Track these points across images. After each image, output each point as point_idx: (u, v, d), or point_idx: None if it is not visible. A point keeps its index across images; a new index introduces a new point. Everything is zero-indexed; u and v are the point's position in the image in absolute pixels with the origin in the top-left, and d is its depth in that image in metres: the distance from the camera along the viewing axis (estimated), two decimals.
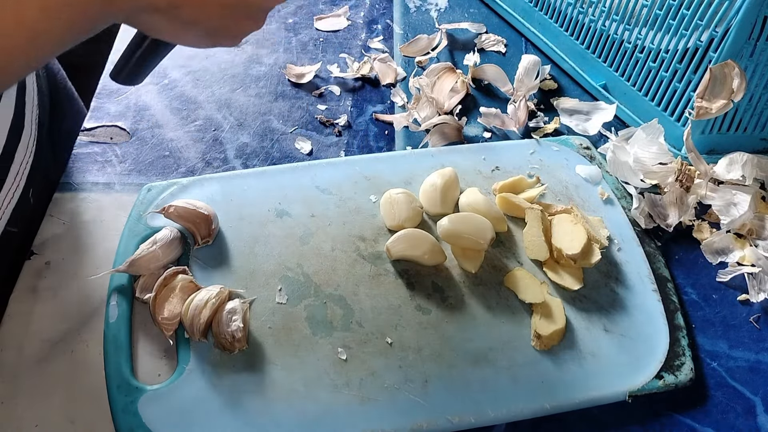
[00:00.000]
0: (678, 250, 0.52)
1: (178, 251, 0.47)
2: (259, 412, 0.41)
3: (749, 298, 0.49)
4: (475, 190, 0.52)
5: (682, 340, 0.46)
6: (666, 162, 0.54)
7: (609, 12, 0.59)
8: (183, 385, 0.41)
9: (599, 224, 0.51)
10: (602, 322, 0.46)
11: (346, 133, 0.60)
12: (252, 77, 0.64)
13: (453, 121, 0.59)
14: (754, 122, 0.56)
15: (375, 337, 0.44)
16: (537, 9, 0.67)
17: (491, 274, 0.48)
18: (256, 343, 0.44)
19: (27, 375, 0.42)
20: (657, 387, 0.43)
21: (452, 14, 0.73)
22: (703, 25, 0.52)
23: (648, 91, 0.58)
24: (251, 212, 0.51)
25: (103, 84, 0.62)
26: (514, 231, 0.51)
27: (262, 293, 0.46)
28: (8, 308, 0.46)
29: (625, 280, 0.48)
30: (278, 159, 0.57)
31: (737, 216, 0.51)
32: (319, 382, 0.42)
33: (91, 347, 0.44)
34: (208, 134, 0.59)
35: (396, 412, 0.41)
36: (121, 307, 0.44)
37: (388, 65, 0.65)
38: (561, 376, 0.43)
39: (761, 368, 0.46)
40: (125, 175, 0.55)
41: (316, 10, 0.73)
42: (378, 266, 0.48)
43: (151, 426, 0.39)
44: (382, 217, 0.51)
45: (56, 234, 0.50)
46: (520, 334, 0.45)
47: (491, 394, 0.42)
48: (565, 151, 0.57)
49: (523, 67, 0.61)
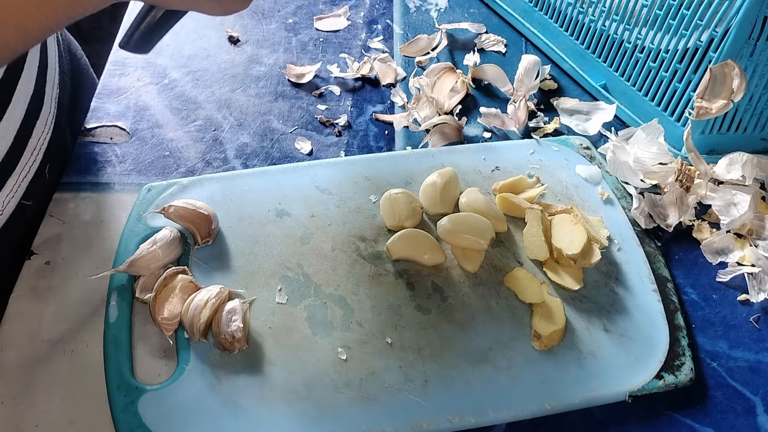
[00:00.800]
0: (678, 250, 0.52)
1: (178, 251, 0.47)
2: (259, 412, 0.41)
3: (749, 298, 0.49)
4: (475, 190, 0.52)
5: (682, 340, 0.46)
6: (666, 162, 0.54)
7: (609, 12, 0.59)
8: (183, 385, 0.41)
9: (599, 224, 0.51)
10: (602, 322, 0.46)
11: (346, 133, 0.60)
12: (252, 77, 0.64)
13: (453, 121, 0.59)
14: (754, 122, 0.56)
15: (375, 337, 0.44)
16: (537, 9, 0.67)
17: (491, 274, 0.48)
18: (256, 343, 0.44)
19: (27, 375, 0.42)
20: (657, 387, 0.43)
21: (452, 14, 0.73)
22: (703, 25, 0.52)
23: (648, 91, 0.58)
24: (251, 212, 0.51)
25: (103, 84, 0.62)
26: (514, 231, 0.51)
27: (262, 293, 0.46)
28: (8, 308, 0.46)
29: (625, 280, 0.48)
30: (278, 159, 0.57)
31: (737, 216, 0.51)
32: (319, 382, 0.42)
33: (91, 347, 0.44)
34: (208, 134, 0.59)
35: (396, 412, 0.41)
36: (121, 307, 0.44)
37: (388, 65, 0.65)
38: (561, 376, 0.43)
39: (761, 368, 0.46)
40: (125, 175, 0.55)
41: (316, 10, 0.73)
42: (378, 266, 0.48)
43: (151, 426, 0.39)
44: (382, 217, 0.51)
45: (56, 234, 0.50)
46: (520, 334, 0.45)
47: (491, 394, 0.42)
48: (565, 151, 0.57)
49: (523, 67, 0.61)
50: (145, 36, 0.39)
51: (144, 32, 0.38)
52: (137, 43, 0.39)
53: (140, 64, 0.65)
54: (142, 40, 0.39)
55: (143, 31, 0.38)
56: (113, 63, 0.65)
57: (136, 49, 0.40)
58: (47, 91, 0.52)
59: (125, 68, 0.64)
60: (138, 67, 0.64)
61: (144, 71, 0.64)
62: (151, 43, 0.40)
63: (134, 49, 0.39)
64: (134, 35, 0.38)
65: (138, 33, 0.38)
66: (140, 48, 0.40)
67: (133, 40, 0.39)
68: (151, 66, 0.65)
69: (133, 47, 0.39)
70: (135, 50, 0.40)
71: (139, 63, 0.65)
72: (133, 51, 0.40)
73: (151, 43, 0.40)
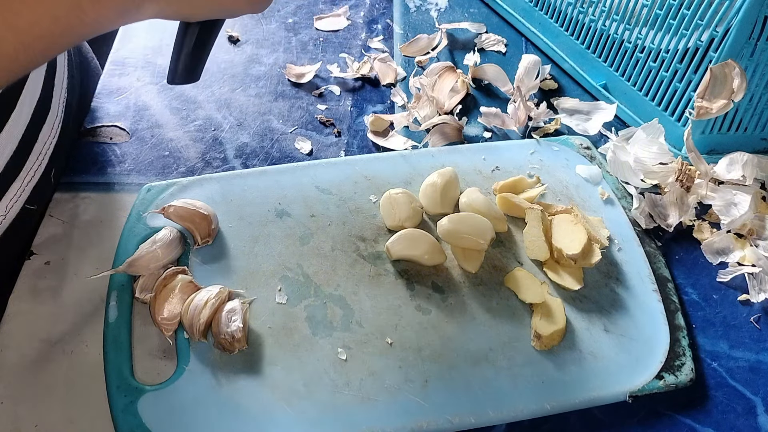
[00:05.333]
0: (678, 250, 0.52)
1: (177, 251, 0.47)
2: (259, 412, 0.40)
3: (750, 298, 0.49)
4: (475, 190, 0.52)
5: (683, 341, 0.46)
6: (666, 162, 0.54)
7: (609, 12, 0.59)
8: (183, 385, 0.41)
9: (599, 224, 0.51)
10: (602, 322, 0.46)
11: (346, 133, 0.60)
12: (252, 77, 0.64)
13: (453, 121, 0.59)
14: (754, 122, 0.56)
15: (375, 337, 0.44)
16: (537, 9, 0.67)
17: (491, 274, 0.48)
18: (256, 343, 0.44)
19: (27, 375, 0.42)
20: (657, 387, 0.43)
21: (452, 14, 0.73)
22: (703, 24, 0.52)
23: (648, 91, 0.58)
24: (251, 212, 0.51)
25: (102, 84, 0.62)
26: (514, 231, 0.51)
27: (262, 293, 0.46)
28: (8, 308, 0.46)
29: (626, 280, 0.48)
30: (278, 159, 0.57)
31: (737, 216, 0.51)
32: (319, 382, 0.42)
33: (91, 347, 0.44)
34: (207, 134, 0.59)
35: (396, 412, 0.41)
36: (121, 307, 0.44)
37: (388, 65, 0.65)
38: (561, 376, 0.43)
39: (762, 368, 0.46)
40: (125, 175, 0.55)
41: (316, 10, 0.73)
42: (378, 266, 0.48)
43: (151, 426, 0.39)
44: (382, 217, 0.51)
45: (56, 234, 0.50)
46: (520, 334, 0.45)
47: (491, 394, 0.42)
48: (566, 151, 0.57)
49: (524, 66, 0.61)
50: (188, 63, 0.37)
51: (187, 59, 0.36)
52: (184, 73, 0.37)
53: (140, 64, 0.65)
54: (186, 69, 0.37)
55: (186, 58, 0.36)
56: (113, 63, 0.65)
57: (185, 80, 0.37)
58: (55, 94, 0.52)
59: (125, 68, 0.64)
60: (138, 67, 0.64)
61: (144, 71, 0.64)
62: (198, 69, 0.37)
63: (183, 79, 0.37)
64: (178, 67, 0.36)
65: (181, 63, 0.36)
66: (188, 77, 0.37)
67: (179, 71, 0.37)
68: (151, 66, 0.65)
69: (180, 79, 0.37)
70: (184, 81, 0.37)
71: (139, 63, 0.65)
72: (183, 82, 0.37)
73: (197, 69, 0.37)
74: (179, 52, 0.36)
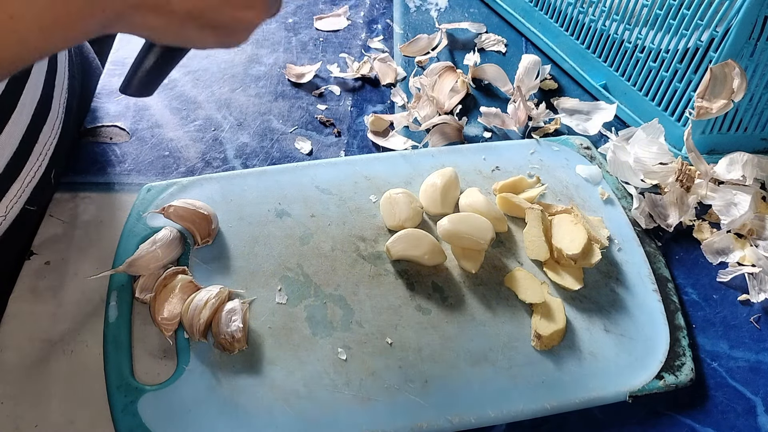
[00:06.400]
0: (678, 250, 0.52)
1: (177, 251, 0.47)
2: (259, 412, 0.41)
3: (749, 298, 0.49)
4: (475, 190, 0.52)
5: (683, 341, 0.46)
6: (666, 162, 0.54)
7: (609, 12, 0.59)
8: (183, 385, 0.41)
9: (599, 224, 0.51)
10: (602, 322, 0.46)
11: (346, 133, 0.60)
12: (252, 77, 0.64)
13: (453, 121, 0.59)
14: (754, 122, 0.56)
15: (375, 337, 0.44)
16: (537, 9, 0.67)
17: (491, 274, 0.48)
18: (256, 343, 0.44)
19: (27, 375, 0.42)
20: (657, 387, 0.43)
21: (452, 14, 0.73)
22: (703, 25, 0.52)
23: (648, 91, 0.58)
24: (251, 212, 0.51)
25: (102, 84, 0.62)
26: (514, 231, 0.51)
27: (261, 293, 0.46)
28: (8, 308, 0.46)
29: (626, 280, 0.48)
30: (278, 159, 0.57)
31: (737, 216, 0.51)
32: (319, 382, 0.42)
33: (91, 347, 0.44)
34: (207, 134, 0.59)
35: (396, 412, 0.41)
36: (121, 307, 0.44)
37: (388, 65, 0.65)
38: (561, 376, 0.43)
39: (762, 368, 0.46)
40: (125, 175, 0.55)
41: (316, 10, 0.73)
42: (378, 266, 0.48)
43: (151, 426, 0.39)
44: (382, 217, 0.51)
45: (56, 234, 0.50)
46: (520, 334, 0.45)
47: (491, 394, 0.42)
48: (566, 151, 0.57)
49: (524, 66, 0.61)
50: (144, 78, 0.37)
51: (144, 75, 0.37)
52: (138, 87, 0.37)
53: None
54: (141, 83, 0.37)
55: (143, 73, 0.36)
56: (113, 63, 0.65)
57: (137, 93, 0.37)
58: (55, 95, 0.52)
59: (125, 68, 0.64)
60: None
61: None
62: (152, 86, 0.38)
63: (135, 92, 0.37)
64: (134, 78, 0.37)
65: (138, 76, 0.37)
66: (141, 91, 0.37)
67: (134, 83, 0.37)
68: None
69: (133, 91, 0.37)
70: (136, 94, 0.37)
71: None
72: (135, 95, 0.37)
73: (151, 86, 0.38)
74: (138, 66, 0.36)
